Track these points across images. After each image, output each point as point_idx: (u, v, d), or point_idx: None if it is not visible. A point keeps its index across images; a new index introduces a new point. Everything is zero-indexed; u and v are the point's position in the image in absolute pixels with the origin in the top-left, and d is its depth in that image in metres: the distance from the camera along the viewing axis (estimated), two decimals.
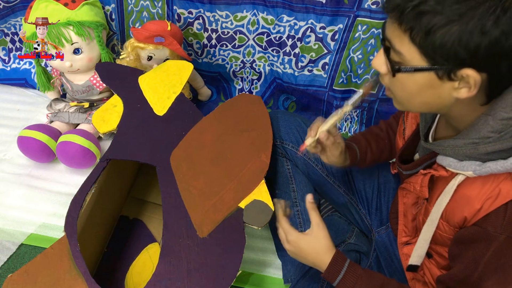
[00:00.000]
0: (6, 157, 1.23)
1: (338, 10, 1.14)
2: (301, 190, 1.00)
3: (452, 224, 0.65)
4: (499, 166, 0.56)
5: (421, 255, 0.72)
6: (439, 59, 0.54)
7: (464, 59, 0.52)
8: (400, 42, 0.56)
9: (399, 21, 0.55)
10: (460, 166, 0.61)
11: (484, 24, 0.49)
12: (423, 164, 0.71)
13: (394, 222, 0.85)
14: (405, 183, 0.78)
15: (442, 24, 0.51)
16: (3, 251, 1.01)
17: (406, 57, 0.56)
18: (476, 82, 0.53)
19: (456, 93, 0.56)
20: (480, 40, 0.50)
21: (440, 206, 0.65)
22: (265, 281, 1.00)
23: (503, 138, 0.56)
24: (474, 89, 0.54)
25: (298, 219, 0.98)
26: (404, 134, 0.81)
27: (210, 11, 1.22)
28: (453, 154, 0.62)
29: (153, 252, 1.01)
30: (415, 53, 0.55)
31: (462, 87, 0.55)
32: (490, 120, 0.57)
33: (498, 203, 0.58)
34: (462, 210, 0.62)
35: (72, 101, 1.30)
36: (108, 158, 0.96)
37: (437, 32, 0.51)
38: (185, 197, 0.89)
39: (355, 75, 1.27)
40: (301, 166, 1.00)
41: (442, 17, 0.51)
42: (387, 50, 0.59)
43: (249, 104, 1.02)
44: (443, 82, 0.56)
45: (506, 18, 0.49)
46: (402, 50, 0.56)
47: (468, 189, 0.61)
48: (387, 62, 0.60)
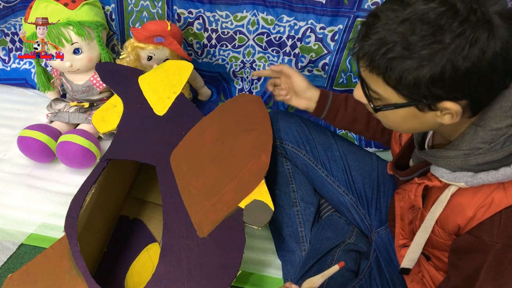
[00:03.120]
0: (6, 157, 1.23)
1: (338, 11, 1.14)
2: (301, 190, 1.00)
3: (447, 230, 0.65)
4: (490, 177, 0.57)
5: (414, 259, 0.72)
6: (416, 97, 0.55)
7: (440, 95, 0.53)
8: (375, 83, 0.57)
9: (370, 67, 0.55)
10: (452, 178, 0.61)
11: (455, 62, 0.50)
12: (418, 171, 0.71)
13: (392, 224, 0.85)
14: (401, 189, 0.78)
15: (414, 68, 0.52)
16: (3, 251, 1.01)
17: (384, 96, 0.57)
18: (457, 112, 0.54)
19: (440, 119, 0.57)
20: (453, 76, 0.51)
21: (434, 215, 0.66)
22: (265, 281, 1.00)
23: (493, 149, 0.56)
24: (457, 117, 0.55)
25: (297, 219, 0.98)
26: (400, 140, 0.81)
27: (210, 11, 1.22)
28: (445, 165, 0.62)
29: (153, 252, 1.01)
30: (392, 93, 0.56)
31: (445, 114, 0.56)
32: (480, 131, 0.57)
33: (491, 212, 0.58)
34: (455, 218, 0.62)
35: (72, 101, 1.30)
36: (108, 158, 0.96)
37: (409, 75, 0.52)
38: (185, 197, 0.89)
39: (355, 75, 1.28)
40: (301, 166, 1.00)
41: (411, 61, 0.51)
42: (365, 87, 0.60)
43: (249, 104, 1.02)
44: (425, 113, 0.57)
45: (475, 51, 0.49)
46: (378, 90, 0.58)
47: (461, 198, 0.62)
48: (367, 99, 0.61)
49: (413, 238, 0.78)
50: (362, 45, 0.55)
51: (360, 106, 0.90)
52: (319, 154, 0.98)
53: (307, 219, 0.99)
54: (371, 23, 0.54)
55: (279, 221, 1.00)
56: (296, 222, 0.98)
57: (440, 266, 0.73)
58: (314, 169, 0.99)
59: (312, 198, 1.01)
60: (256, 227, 0.84)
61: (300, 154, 0.98)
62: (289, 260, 0.98)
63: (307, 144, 0.98)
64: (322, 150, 0.98)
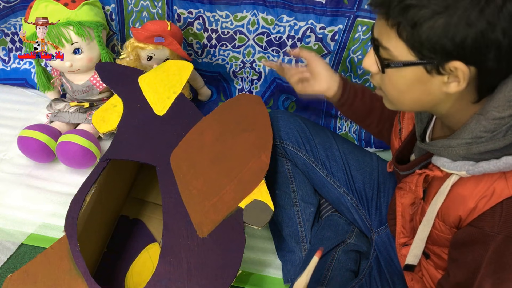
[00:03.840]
0: (6, 157, 1.23)
1: (338, 11, 1.14)
2: (301, 190, 1.00)
3: (448, 223, 0.65)
4: (491, 166, 0.56)
5: (417, 255, 0.72)
6: (426, 53, 0.54)
7: (451, 52, 0.52)
8: (387, 38, 0.57)
9: (385, 16, 0.55)
10: (453, 166, 0.61)
11: (469, 15, 0.49)
12: (419, 164, 0.71)
13: (392, 223, 0.85)
14: (402, 183, 0.78)
15: (428, 17, 0.51)
16: (3, 251, 1.01)
17: (394, 52, 0.57)
18: (464, 75, 0.54)
19: (446, 87, 0.57)
20: (466, 32, 0.50)
21: (435, 206, 0.66)
22: (265, 281, 1.00)
23: (495, 137, 0.56)
24: (464, 83, 0.55)
25: (297, 219, 0.98)
26: (400, 134, 0.81)
27: (210, 11, 1.22)
28: (447, 154, 0.62)
29: (153, 252, 1.01)
30: (403, 48, 0.56)
31: (451, 82, 0.56)
32: (482, 120, 0.57)
33: (492, 202, 0.58)
34: (457, 209, 0.62)
35: (72, 101, 1.30)
36: (108, 158, 0.96)
37: (423, 25, 0.52)
38: (185, 197, 0.89)
39: (355, 75, 1.28)
40: (301, 166, 1.00)
41: (427, 10, 0.51)
42: (376, 48, 0.59)
43: (249, 104, 1.02)
44: (432, 76, 0.56)
45: (490, 10, 0.49)
46: (390, 46, 0.57)
47: (462, 188, 0.61)
48: (377, 59, 0.60)
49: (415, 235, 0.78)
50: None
51: (376, 97, 0.88)
52: (319, 154, 0.98)
53: (307, 219, 0.99)
54: None
55: (279, 221, 1.00)
56: (296, 222, 0.98)
57: (439, 264, 0.72)
58: (314, 169, 0.99)
59: (312, 198, 1.01)
60: (256, 227, 0.84)
61: (300, 154, 0.98)
62: (289, 260, 0.98)
63: (307, 144, 0.98)
64: (322, 150, 0.98)
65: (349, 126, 1.36)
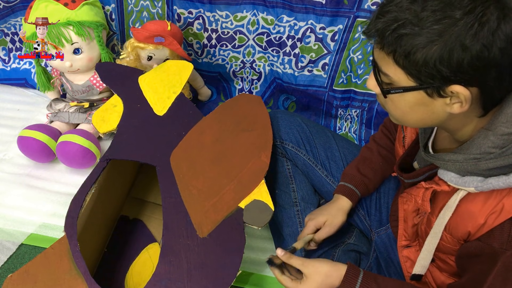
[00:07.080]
0: (6, 157, 1.23)
1: (338, 11, 1.14)
2: (301, 190, 1.00)
3: (456, 237, 0.65)
4: (501, 183, 0.56)
5: (425, 266, 0.72)
6: (424, 79, 0.54)
7: (448, 77, 0.52)
8: (386, 64, 0.57)
9: (381, 45, 0.56)
10: (461, 182, 0.60)
11: (463, 40, 0.49)
12: (425, 174, 0.71)
13: (394, 225, 0.85)
14: (406, 193, 0.77)
15: (422, 45, 0.52)
16: (3, 251, 1.01)
17: (394, 78, 0.57)
18: (466, 98, 0.54)
19: (449, 108, 0.57)
20: (461, 56, 0.50)
21: (443, 220, 0.65)
22: (265, 281, 1.00)
23: (505, 154, 0.56)
24: (466, 105, 0.55)
25: (297, 219, 0.98)
26: (404, 142, 0.80)
27: (210, 11, 1.22)
28: (454, 169, 0.61)
29: (153, 252, 1.01)
30: (401, 74, 0.56)
31: (454, 103, 0.56)
32: (490, 136, 0.57)
33: (502, 218, 0.57)
34: (465, 225, 0.62)
35: (72, 101, 1.30)
36: (108, 158, 0.96)
37: (418, 54, 0.52)
38: (185, 197, 0.89)
39: (355, 75, 1.28)
40: (301, 166, 1.00)
41: (421, 38, 0.51)
42: (377, 72, 0.60)
43: (249, 104, 1.02)
44: (434, 99, 0.56)
45: (484, 33, 0.49)
46: (389, 72, 0.57)
47: (471, 204, 0.61)
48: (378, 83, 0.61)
49: (417, 239, 0.78)
50: (375, 23, 0.55)
51: (382, 154, 0.92)
52: (319, 154, 0.98)
53: None
54: (384, 3, 0.55)
55: (279, 221, 1.00)
56: (296, 222, 0.98)
57: (444, 268, 0.72)
58: (314, 169, 0.99)
59: (312, 198, 1.01)
60: (256, 227, 0.84)
61: (300, 154, 0.98)
62: None
63: (307, 144, 0.98)
64: (322, 150, 0.98)
65: (349, 126, 1.37)
